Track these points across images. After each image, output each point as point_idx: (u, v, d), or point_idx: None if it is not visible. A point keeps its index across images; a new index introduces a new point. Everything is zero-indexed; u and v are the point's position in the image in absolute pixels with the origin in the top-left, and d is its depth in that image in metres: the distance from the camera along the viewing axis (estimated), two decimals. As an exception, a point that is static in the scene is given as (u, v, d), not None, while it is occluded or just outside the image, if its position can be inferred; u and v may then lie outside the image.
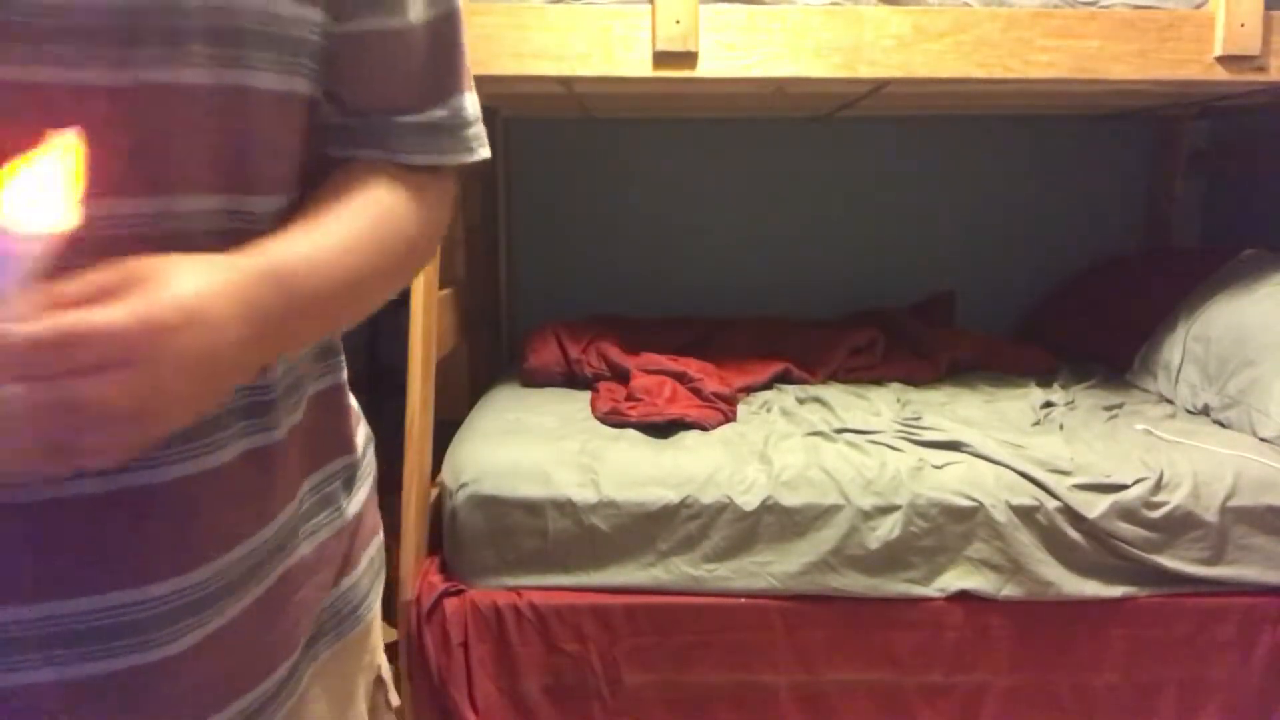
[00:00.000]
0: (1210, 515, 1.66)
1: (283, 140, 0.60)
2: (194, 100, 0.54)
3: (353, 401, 0.78)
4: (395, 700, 0.83)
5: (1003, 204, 2.85)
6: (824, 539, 1.66)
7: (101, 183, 0.49)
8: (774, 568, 1.66)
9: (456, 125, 0.70)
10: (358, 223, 0.62)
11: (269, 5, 0.57)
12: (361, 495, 0.77)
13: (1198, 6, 1.78)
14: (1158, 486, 1.68)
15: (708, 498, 1.67)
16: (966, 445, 1.78)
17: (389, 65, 0.65)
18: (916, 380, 2.34)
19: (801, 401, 2.13)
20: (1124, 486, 1.67)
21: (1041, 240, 2.85)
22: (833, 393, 2.18)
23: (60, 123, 0.45)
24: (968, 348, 2.49)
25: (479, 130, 0.72)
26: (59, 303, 0.43)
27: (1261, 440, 1.84)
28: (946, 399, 2.20)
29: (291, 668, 0.67)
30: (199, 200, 0.56)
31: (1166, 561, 1.67)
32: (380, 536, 0.82)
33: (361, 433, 0.79)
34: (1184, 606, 1.67)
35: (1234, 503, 1.67)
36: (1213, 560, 1.68)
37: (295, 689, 0.68)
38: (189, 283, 0.47)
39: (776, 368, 2.31)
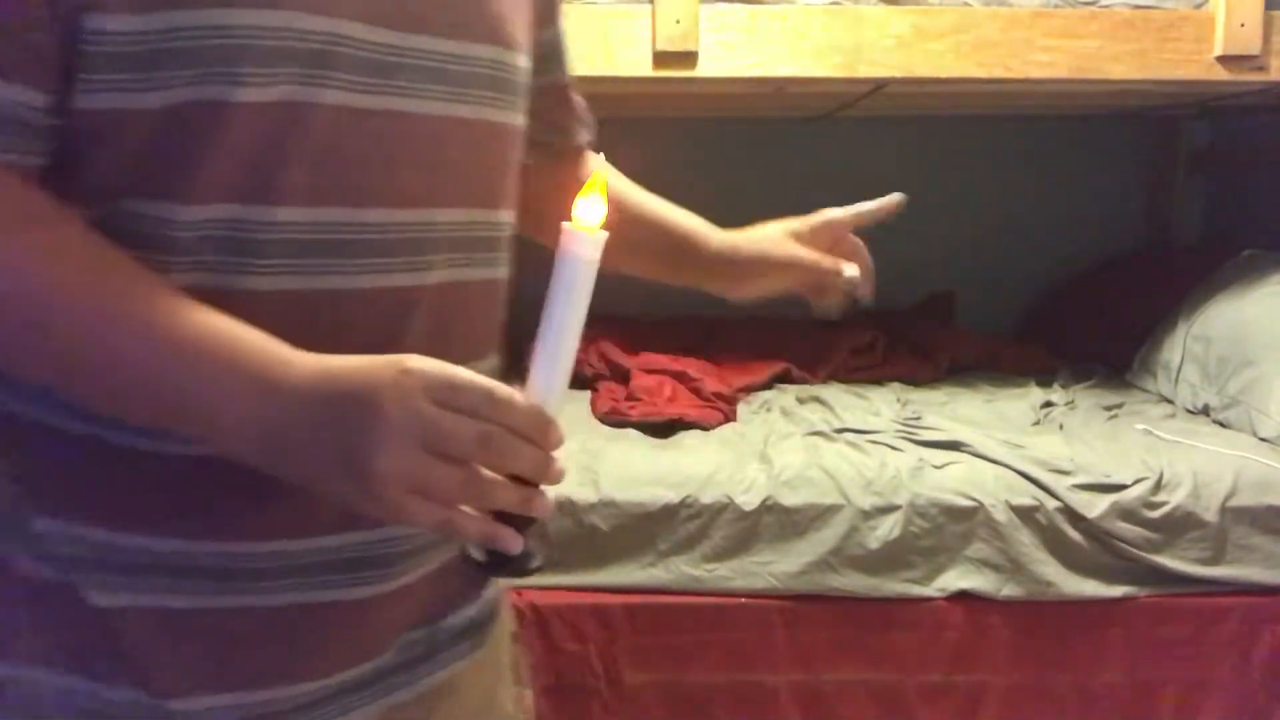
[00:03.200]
0: (1210, 515, 1.66)
1: (515, 165, 0.75)
2: (470, 132, 0.68)
3: None
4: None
5: (1003, 204, 2.84)
6: (824, 539, 1.66)
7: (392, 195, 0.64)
8: (774, 567, 1.66)
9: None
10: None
11: (521, 61, 0.72)
12: None
13: (1198, 6, 1.78)
14: (1158, 486, 1.68)
15: (708, 497, 1.67)
16: (966, 445, 1.78)
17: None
18: (916, 380, 2.34)
19: (801, 401, 2.13)
20: (1124, 486, 1.67)
21: (1041, 240, 2.84)
22: (833, 393, 2.18)
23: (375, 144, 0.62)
24: (968, 348, 2.49)
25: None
26: None
27: (1261, 440, 1.84)
28: (946, 399, 2.20)
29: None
30: (454, 213, 0.68)
31: (1166, 561, 1.66)
32: None
33: None
34: (1184, 606, 1.67)
35: (1234, 503, 1.67)
36: (1213, 560, 1.67)
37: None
38: None
39: (776, 368, 2.31)
